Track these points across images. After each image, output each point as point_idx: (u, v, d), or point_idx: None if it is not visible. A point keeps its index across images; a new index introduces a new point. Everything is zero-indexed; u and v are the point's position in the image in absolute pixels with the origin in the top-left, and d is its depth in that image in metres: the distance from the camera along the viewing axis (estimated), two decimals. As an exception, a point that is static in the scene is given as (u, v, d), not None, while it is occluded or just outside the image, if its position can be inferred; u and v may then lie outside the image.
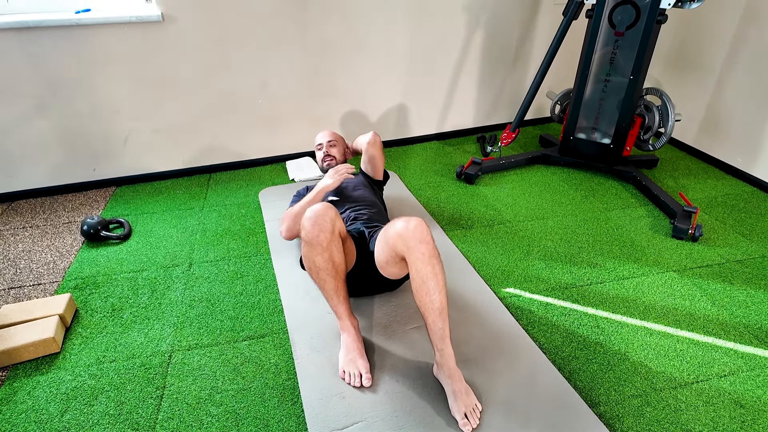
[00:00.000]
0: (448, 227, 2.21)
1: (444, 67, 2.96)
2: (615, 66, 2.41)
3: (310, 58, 2.64)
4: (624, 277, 1.89)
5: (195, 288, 1.84)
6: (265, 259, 2.00)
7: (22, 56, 2.18)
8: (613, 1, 2.29)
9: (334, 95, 2.81)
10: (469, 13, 2.83)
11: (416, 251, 1.35)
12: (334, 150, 2.18)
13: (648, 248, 2.06)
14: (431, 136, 3.20)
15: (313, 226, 1.40)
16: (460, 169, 2.63)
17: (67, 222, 2.28)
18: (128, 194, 2.55)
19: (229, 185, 2.63)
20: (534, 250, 2.05)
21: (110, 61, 2.32)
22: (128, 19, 2.23)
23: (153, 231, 2.21)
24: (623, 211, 2.34)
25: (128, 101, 2.44)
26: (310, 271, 1.46)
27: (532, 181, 2.62)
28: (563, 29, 2.43)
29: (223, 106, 2.61)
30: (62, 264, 1.98)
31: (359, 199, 1.94)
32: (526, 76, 3.20)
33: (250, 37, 2.48)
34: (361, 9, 2.60)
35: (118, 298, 1.80)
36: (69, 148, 2.45)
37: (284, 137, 2.84)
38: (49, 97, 2.30)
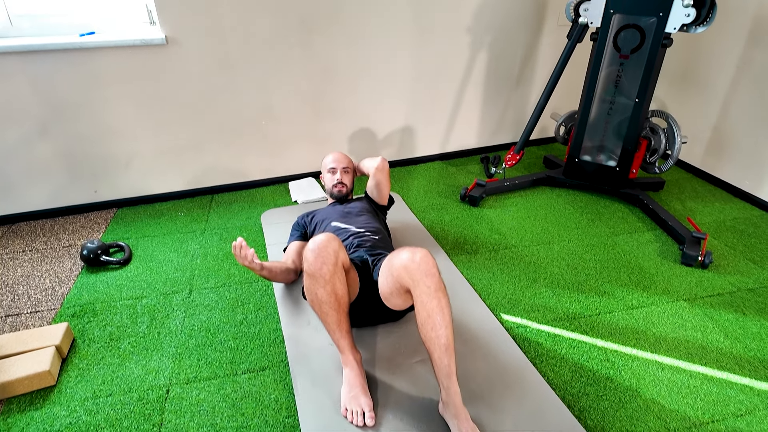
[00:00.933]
0: (452, 252, 2.17)
1: (447, 87, 2.96)
2: (620, 88, 2.39)
3: (313, 79, 2.64)
4: (633, 307, 1.85)
5: (195, 316, 1.80)
6: (266, 285, 1.97)
7: (25, 79, 2.18)
8: (618, 24, 2.28)
9: (338, 116, 2.80)
10: (472, 35, 2.83)
11: (422, 284, 1.32)
12: (347, 177, 2.14)
13: (657, 275, 2.02)
14: (435, 156, 3.18)
15: (316, 259, 1.36)
16: (464, 191, 2.61)
17: (67, 245, 2.26)
18: (129, 216, 2.52)
19: (231, 207, 2.61)
20: (540, 276, 2.01)
21: (113, 84, 2.31)
22: (132, 42, 2.23)
23: (153, 255, 2.18)
24: (630, 235, 2.31)
25: (131, 123, 2.43)
26: (312, 303, 1.42)
27: (537, 204, 2.59)
28: (567, 52, 2.42)
29: (226, 127, 2.60)
30: (61, 290, 1.95)
31: (363, 225, 1.91)
32: (530, 97, 3.19)
33: (254, 60, 2.48)
34: (364, 31, 2.60)
35: (116, 326, 1.76)
36: (71, 170, 2.44)
37: (287, 158, 2.83)
38: (51, 120, 2.30)
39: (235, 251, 1.57)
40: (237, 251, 1.57)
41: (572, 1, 2.34)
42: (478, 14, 2.78)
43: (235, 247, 1.57)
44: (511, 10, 2.84)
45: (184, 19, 2.28)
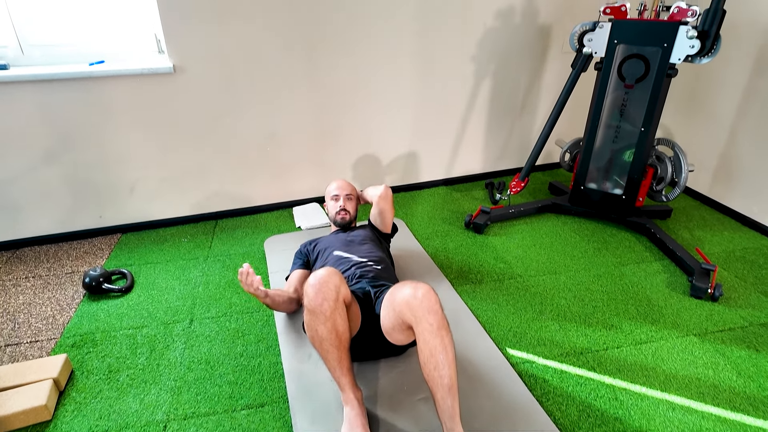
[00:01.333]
0: (456, 281, 2.14)
1: (452, 113, 2.97)
2: (625, 117, 2.39)
3: (318, 106, 2.66)
4: (642, 341, 1.80)
5: (195, 348, 1.78)
6: (267, 316, 1.94)
7: (34, 107, 2.21)
8: (622, 54, 2.28)
9: (342, 141, 2.81)
10: (476, 63, 2.85)
11: (424, 322, 1.29)
12: (350, 204, 2.14)
13: (665, 308, 1.98)
14: (439, 182, 3.18)
15: (316, 294, 1.35)
16: (468, 218, 2.59)
17: (70, 272, 2.25)
18: (133, 242, 2.52)
19: (234, 233, 2.60)
20: (547, 309, 1.98)
21: (120, 111, 2.34)
22: (140, 71, 2.27)
23: (155, 283, 2.17)
24: (638, 265, 2.27)
25: (137, 149, 2.45)
26: (312, 340, 1.40)
27: (543, 231, 2.56)
28: (572, 81, 2.43)
29: (231, 153, 2.62)
30: (62, 319, 1.94)
31: (366, 254, 1.89)
32: (535, 123, 3.20)
33: (259, 86, 2.50)
34: (369, 58, 2.63)
35: (115, 357, 1.74)
36: (76, 195, 2.45)
37: (291, 183, 2.83)
38: (58, 147, 2.32)
39: (241, 278, 1.56)
40: (243, 278, 1.56)
41: (576, 30, 2.36)
42: (482, 43, 2.80)
43: (242, 274, 1.55)
44: (515, 39, 2.86)
45: (191, 47, 2.31)
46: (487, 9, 2.72)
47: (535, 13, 2.84)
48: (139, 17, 2.31)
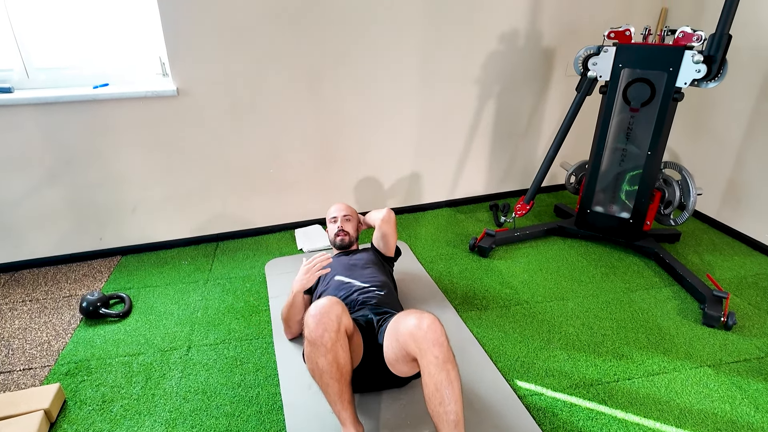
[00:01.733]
0: (461, 308, 2.09)
1: (455, 135, 2.95)
2: (631, 140, 2.36)
3: (321, 127, 2.65)
4: (654, 373, 1.74)
5: (192, 377, 1.73)
6: (267, 343, 1.89)
7: (37, 129, 2.21)
8: (627, 78, 2.27)
9: (345, 163, 2.79)
10: (480, 85, 2.85)
11: (429, 354, 1.25)
12: (349, 225, 2.11)
13: (677, 337, 1.92)
14: (442, 203, 3.15)
15: (317, 325, 1.30)
16: (473, 241, 2.55)
17: (68, 295, 2.22)
18: (133, 264, 2.49)
19: (235, 255, 2.57)
20: (555, 337, 1.92)
21: (124, 134, 2.33)
22: (144, 94, 2.27)
23: (154, 307, 2.13)
24: (647, 291, 2.21)
25: (139, 171, 2.43)
26: (312, 372, 1.35)
27: (549, 255, 2.52)
28: (577, 104, 2.41)
29: (234, 174, 2.60)
30: (57, 345, 1.89)
31: (368, 279, 1.85)
32: (539, 146, 3.18)
33: (263, 108, 2.50)
34: (372, 79, 2.62)
35: (110, 386, 1.69)
36: (77, 217, 2.43)
37: (294, 205, 2.81)
38: (60, 168, 2.31)
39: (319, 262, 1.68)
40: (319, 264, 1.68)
41: (580, 54, 2.35)
42: (485, 65, 2.80)
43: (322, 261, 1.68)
44: (519, 61, 2.86)
45: (195, 70, 2.32)
46: (491, 32, 2.73)
47: (539, 36, 2.84)
48: (145, 40, 2.32)
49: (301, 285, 1.67)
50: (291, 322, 1.80)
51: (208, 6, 2.21)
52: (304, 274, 1.68)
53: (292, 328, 1.83)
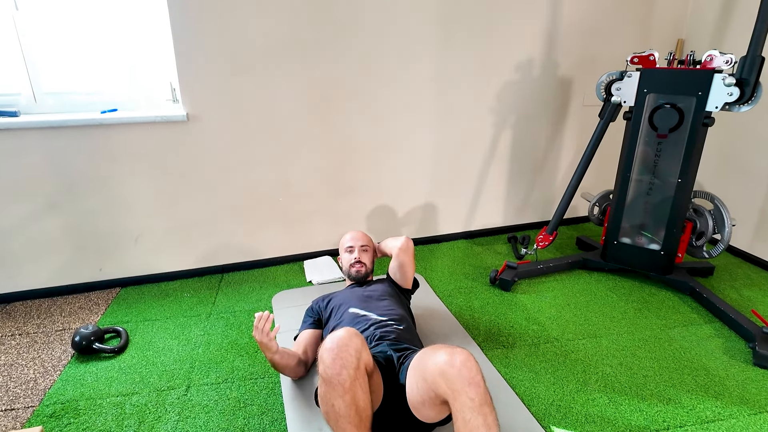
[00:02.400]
0: (486, 345, 1.92)
1: (471, 165, 2.86)
2: (659, 168, 2.25)
3: (332, 156, 2.56)
4: (708, 420, 1.54)
5: (190, 420, 1.55)
6: (273, 383, 1.72)
7: (40, 154, 2.13)
8: (653, 104, 2.19)
9: (358, 193, 2.69)
10: (495, 115, 2.78)
11: (464, 396, 1.08)
12: (366, 256, 1.98)
13: (728, 379, 1.73)
14: (459, 235, 3.01)
15: (333, 361, 1.15)
16: (494, 274, 2.39)
17: (60, 329, 2.06)
18: (133, 297, 2.35)
19: (241, 288, 2.42)
20: (591, 378, 1.73)
21: (130, 160, 2.25)
22: (153, 119, 2.20)
23: (152, 342, 1.97)
24: (686, 329, 2.04)
25: (144, 198, 2.33)
26: (327, 415, 1.18)
27: (576, 290, 2.35)
28: (600, 131, 2.32)
29: (242, 203, 2.49)
30: (44, 383, 1.72)
31: (385, 312, 1.69)
32: (557, 176, 3.08)
33: (273, 135, 2.42)
34: (386, 109, 2.56)
35: (98, 430, 1.51)
36: (77, 246, 2.31)
37: (303, 236, 2.68)
38: (62, 195, 2.21)
39: (257, 323, 1.41)
40: (259, 323, 1.41)
41: (602, 80, 2.28)
42: (501, 95, 2.75)
43: (259, 319, 1.41)
44: (535, 91, 2.81)
45: (206, 96, 2.26)
46: (506, 61, 2.69)
47: (555, 66, 2.80)
48: (156, 66, 2.28)
49: (265, 351, 1.48)
50: (286, 372, 1.62)
51: (222, 32, 2.18)
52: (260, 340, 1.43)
53: (291, 375, 1.65)
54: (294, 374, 1.65)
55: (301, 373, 1.67)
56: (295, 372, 1.64)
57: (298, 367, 1.63)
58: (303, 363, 1.65)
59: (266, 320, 1.43)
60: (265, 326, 1.43)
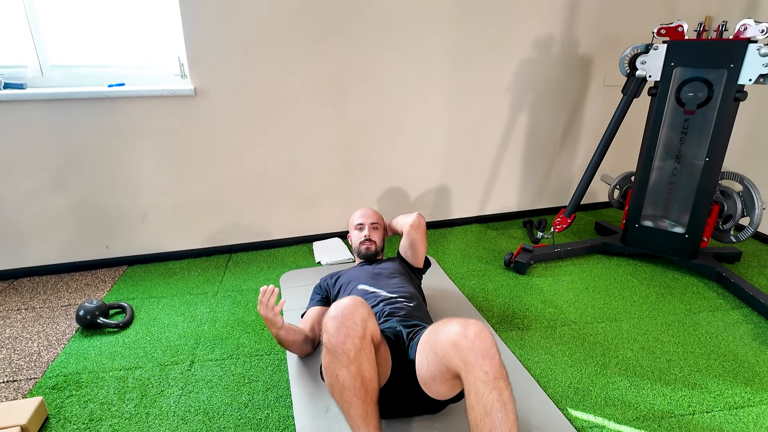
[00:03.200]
0: (500, 327, 1.84)
1: (486, 147, 2.77)
2: (685, 147, 2.14)
3: (344, 136, 2.50)
4: (737, 405, 1.45)
5: (193, 395, 1.50)
6: (279, 359, 1.67)
7: (47, 128, 2.10)
8: (680, 78, 2.08)
9: (369, 175, 2.62)
10: (512, 95, 2.68)
11: (477, 369, 1.01)
12: (376, 234, 1.92)
13: (758, 365, 1.63)
14: (472, 219, 2.93)
15: (338, 329, 1.08)
16: (509, 256, 2.31)
17: (66, 305, 2.04)
18: (139, 275, 2.31)
19: (249, 267, 2.38)
20: (611, 361, 1.65)
21: (138, 134, 2.21)
22: (160, 92, 2.16)
23: (157, 319, 1.93)
24: (712, 314, 1.93)
25: (151, 176, 2.30)
26: (331, 387, 1.12)
27: (595, 274, 2.26)
28: (623, 108, 2.22)
29: (251, 183, 2.44)
30: (47, 356, 1.69)
31: (395, 289, 1.63)
32: (575, 160, 2.97)
33: (284, 115, 2.36)
34: (399, 88, 2.48)
35: (99, 403, 1.47)
36: (84, 223, 2.29)
37: (313, 217, 2.62)
38: (69, 171, 2.18)
39: (262, 297, 1.35)
40: (264, 297, 1.35)
41: (627, 54, 2.17)
42: (518, 74, 2.65)
43: (264, 293, 1.35)
44: (554, 70, 2.70)
45: (215, 71, 2.21)
46: (524, 38, 2.59)
47: (576, 43, 2.69)
48: (164, 40, 2.23)
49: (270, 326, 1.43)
50: (293, 348, 1.57)
51: (232, 6, 2.12)
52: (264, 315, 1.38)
53: (297, 351, 1.60)
54: (300, 351, 1.59)
55: (308, 350, 1.61)
56: (301, 349, 1.58)
57: (304, 344, 1.58)
58: (310, 340, 1.60)
59: (271, 294, 1.37)
60: (270, 300, 1.37)
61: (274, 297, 1.38)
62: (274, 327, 1.43)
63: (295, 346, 1.55)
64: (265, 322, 1.42)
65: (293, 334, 1.50)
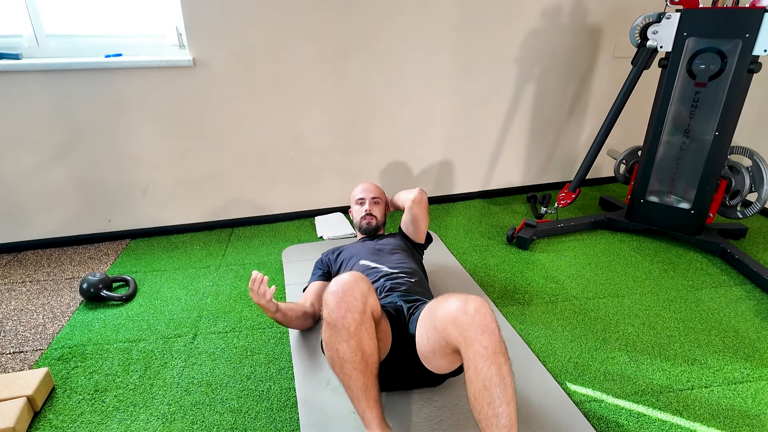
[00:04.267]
0: (500, 302, 1.85)
1: (491, 121, 2.72)
2: (695, 121, 2.09)
3: (347, 109, 2.45)
4: (736, 381, 1.46)
5: (196, 367, 1.53)
6: (281, 333, 1.68)
7: (45, 100, 2.07)
8: (692, 48, 2.01)
9: (372, 149, 2.59)
10: (519, 66, 2.61)
11: (476, 344, 1.01)
12: (377, 209, 1.90)
13: (759, 341, 1.63)
14: (475, 194, 2.91)
15: (338, 304, 1.08)
16: (511, 231, 2.30)
17: (70, 277, 2.05)
18: (142, 248, 2.32)
19: (251, 242, 2.38)
20: (611, 336, 1.65)
21: (136, 107, 2.18)
22: (158, 63, 2.11)
23: (160, 292, 1.95)
24: (715, 290, 1.93)
25: (152, 149, 2.27)
26: (332, 361, 1.13)
27: (598, 249, 2.25)
28: (632, 80, 2.16)
29: (252, 156, 2.42)
30: (52, 328, 1.72)
31: (397, 265, 1.62)
32: (582, 134, 2.92)
33: (285, 87, 2.32)
34: (404, 59, 2.42)
35: (104, 374, 1.50)
36: (85, 197, 2.28)
37: (315, 191, 2.61)
38: (69, 144, 2.16)
39: (252, 285, 1.34)
40: (254, 285, 1.34)
41: (638, 23, 2.10)
42: (525, 45, 2.57)
43: (253, 281, 1.34)
44: (562, 41, 2.62)
45: (214, 42, 2.15)
46: (532, 7, 2.50)
47: (585, 13, 2.60)
48: (162, 9, 2.17)
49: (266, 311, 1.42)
50: (293, 325, 1.57)
51: (229, -31, 2.05)
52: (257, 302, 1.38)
53: (298, 327, 1.60)
54: (301, 326, 1.60)
55: (309, 324, 1.62)
56: (302, 324, 1.59)
57: (304, 320, 1.58)
58: (309, 315, 1.60)
59: (260, 282, 1.35)
60: (261, 288, 1.35)
61: (264, 285, 1.37)
62: (269, 312, 1.42)
63: (294, 324, 1.55)
64: (260, 307, 1.42)
65: (290, 313, 1.50)
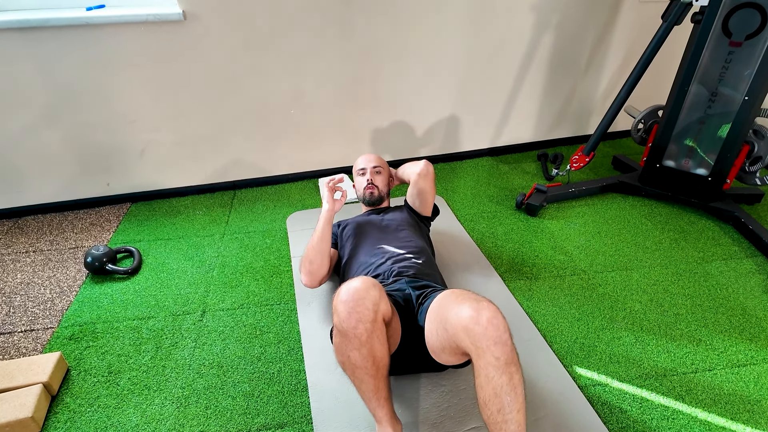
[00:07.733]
0: (508, 276, 1.83)
1: (504, 72, 2.55)
2: (725, 82, 1.95)
3: (350, 63, 2.29)
4: (740, 364, 1.48)
5: (206, 347, 1.55)
6: (289, 310, 1.69)
7: (28, 60, 1.93)
8: (730, 3, 1.82)
9: (377, 104, 2.45)
10: (537, 14, 2.40)
11: (489, 355, 1.00)
12: (379, 178, 1.83)
13: (765, 320, 1.63)
14: (483, 152, 2.81)
15: (349, 314, 1.06)
16: (521, 197, 2.24)
17: (73, 247, 2.04)
18: (144, 212, 2.28)
19: (254, 206, 2.33)
20: (618, 315, 1.66)
21: (125, 66, 2.04)
22: (145, 17, 1.94)
23: (165, 264, 1.93)
24: (725, 263, 1.91)
25: (145, 110, 2.16)
26: (343, 366, 1.13)
27: (608, 216, 2.20)
28: (661, 36, 1.99)
29: (252, 116, 2.30)
30: (61, 304, 1.72)
31: (404, 244, 1.59)
32: (599, 86, 2.75)
33: (284, 40, 2.14)
34: (411, 8, 2.22)
35: (117, 355, 1.52)
36: (81, 160, 2.20)
37: (318, 151, 2.51)
38: (58, 105, 2.05)
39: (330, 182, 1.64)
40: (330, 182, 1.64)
41: (673, -29, 1.89)
42: (545, -13, 2.34)
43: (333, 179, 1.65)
44: (586, -18, 2.39)
45: (204, -10, 1.96)
46: (555, -56, 2.25)
47: (613, -50, 2.34)
48: (143, -49, 1.95)
49: (326, 213, 1.57)
50: (314, 266, 1.52)
51: None
52: (328, 199, 1.60)
53: (314, 274, 1.54)
54: (318, 267, 1.53)
55: (317, 280, 1.55)
56: (320, 265, 1.52)
57: (322, 265, 1.53)
58: (327, 271, 1.57)
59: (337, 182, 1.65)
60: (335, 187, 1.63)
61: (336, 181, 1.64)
62: (330, 206, 1.58)
63: (319, 257, 1.52)
64: (327, 209, 1.57)
65: (325, 244, 1.54)
